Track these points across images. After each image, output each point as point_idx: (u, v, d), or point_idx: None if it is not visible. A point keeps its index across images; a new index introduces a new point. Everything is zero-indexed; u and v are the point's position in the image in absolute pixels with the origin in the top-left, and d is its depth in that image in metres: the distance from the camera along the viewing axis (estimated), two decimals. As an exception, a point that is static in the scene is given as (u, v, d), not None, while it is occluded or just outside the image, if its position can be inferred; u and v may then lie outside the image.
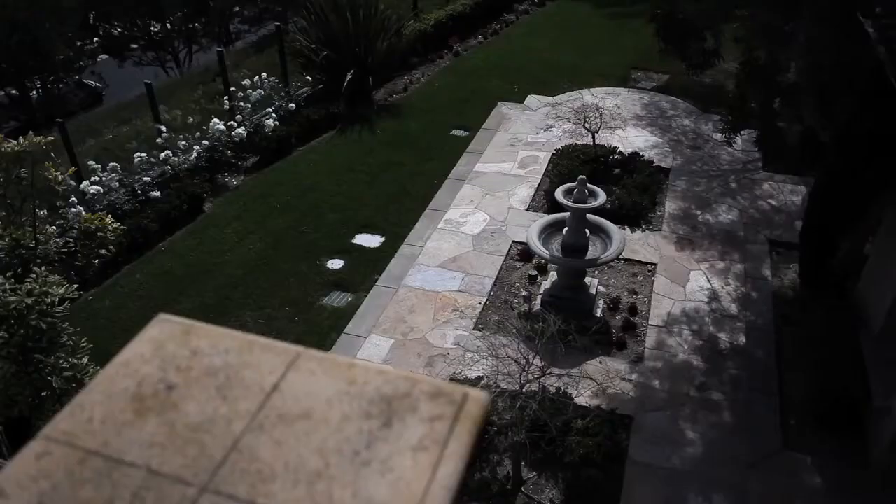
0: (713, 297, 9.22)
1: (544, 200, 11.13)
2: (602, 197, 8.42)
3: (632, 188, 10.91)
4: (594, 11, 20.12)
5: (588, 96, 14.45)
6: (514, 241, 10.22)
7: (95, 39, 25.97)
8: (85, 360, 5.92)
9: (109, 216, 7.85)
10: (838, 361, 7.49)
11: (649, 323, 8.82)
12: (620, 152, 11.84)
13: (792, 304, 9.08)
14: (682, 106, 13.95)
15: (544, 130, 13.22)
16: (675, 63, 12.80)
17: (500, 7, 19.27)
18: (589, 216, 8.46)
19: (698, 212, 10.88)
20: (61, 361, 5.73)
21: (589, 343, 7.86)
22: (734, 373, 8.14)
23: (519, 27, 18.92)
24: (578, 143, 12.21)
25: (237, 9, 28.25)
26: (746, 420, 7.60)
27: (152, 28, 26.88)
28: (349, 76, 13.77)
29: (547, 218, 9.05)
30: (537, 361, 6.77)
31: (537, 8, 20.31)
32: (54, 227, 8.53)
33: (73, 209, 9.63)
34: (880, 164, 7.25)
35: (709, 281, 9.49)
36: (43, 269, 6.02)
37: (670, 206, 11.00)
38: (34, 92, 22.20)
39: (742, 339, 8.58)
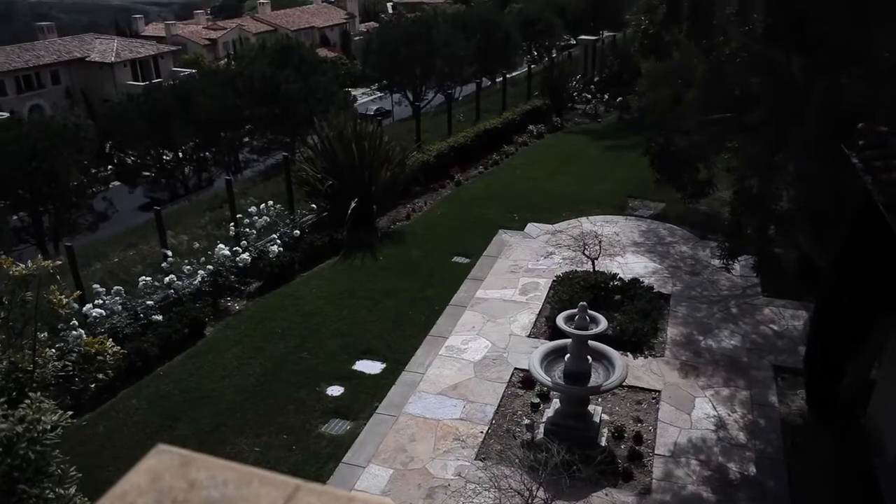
0: (720, 424, 9.02)
1: (546, 327, 11.12)
2: (603, 323, 8.42)
3: (633, 314, 10.92)
4: (591, 143, 20.97)
5: (587, 224, 14.76)
6: (515, 368, 10.12)
7: (109, 167, 26.93)
8: (72, 490, 5.71)
9: (110, 340, 7.82)
10: (853, 491, 7.22)
11: (656, 452, 8.57)
12: (620, 279, 11.95)
13: (801, 432, 8.86)
14: (680, 233, 14.22)
15: (544, 257, 13.41)
16: (671, 192, 13.17)
17: (501, 139, 20.10)
18: (591, 343, 8.42)
19: (700, 337, 10.83)
20: (47, 492, 5.53)
21: (594, 474, 7.61)
22: (746, 506, 7.82)
23: (519, 158, 19.65)
24: (578, 269, 12.35)
25: (247, 139, 29.46)
26: (762, 558, 7.23)
27: (164, 157, 27.94)
28: (353, 204, 14.13)
29: (549, 345, 9.01)
30: (541, 493, 6.53)
31: (536, 140, 21.19)
32: (54, 351, 8.48)
33: (74, 332, 9.61)
34: (879, 289, 7.30)
35: (715, 408, 9.31)
36: (39, 394, 5.93)
37: (672, 331, 10.97)
38: (46, 216, 22.75)
39: (752, 468, 8.31)
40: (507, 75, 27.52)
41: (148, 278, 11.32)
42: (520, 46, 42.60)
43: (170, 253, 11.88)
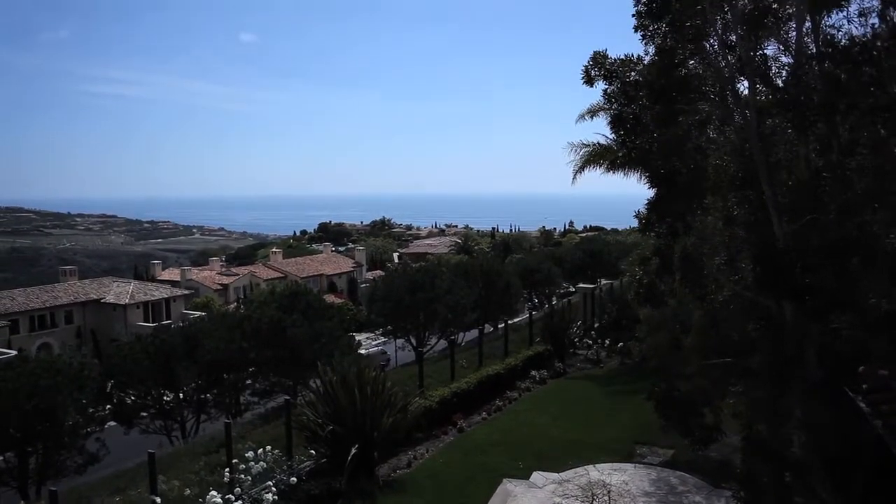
0: None
1: (555, 586, 10.24)
2: (618, 581, 7.80)
3: (649, 572, 10.12)
4: (595, 388, 20.90)
5: (594, 472, 14.22)
6: None
7: (108, 406, 26.60)
8: None
9: None
10: None
11: None
12: (633, 533, 11.24)
13: None
14: (692, 481, 13.63)
15: (551, 507, 12.74)
16: (679, 437, 12.86)
17: (504, 384, 20.08)
18: None
19: None
20: None
21: None
22: None
23: (522, 403, 19.46)
24: (588, 521, 11.67)
25: (249, 381, 29.43)
26: None
27: (165, 397, 27.71)
28: (353, 451, 13.73)
29: None
30: None
31: (539, 385, 21.15)
32: None
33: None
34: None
35: None
36: None
37: None
38: (34, 457, 21.98)
39: None
40: (509, 321, 28.22)
41: (129, 528, 10.68)
42: (520, 294, 44.22)
43: (158, 500, 11.32)
